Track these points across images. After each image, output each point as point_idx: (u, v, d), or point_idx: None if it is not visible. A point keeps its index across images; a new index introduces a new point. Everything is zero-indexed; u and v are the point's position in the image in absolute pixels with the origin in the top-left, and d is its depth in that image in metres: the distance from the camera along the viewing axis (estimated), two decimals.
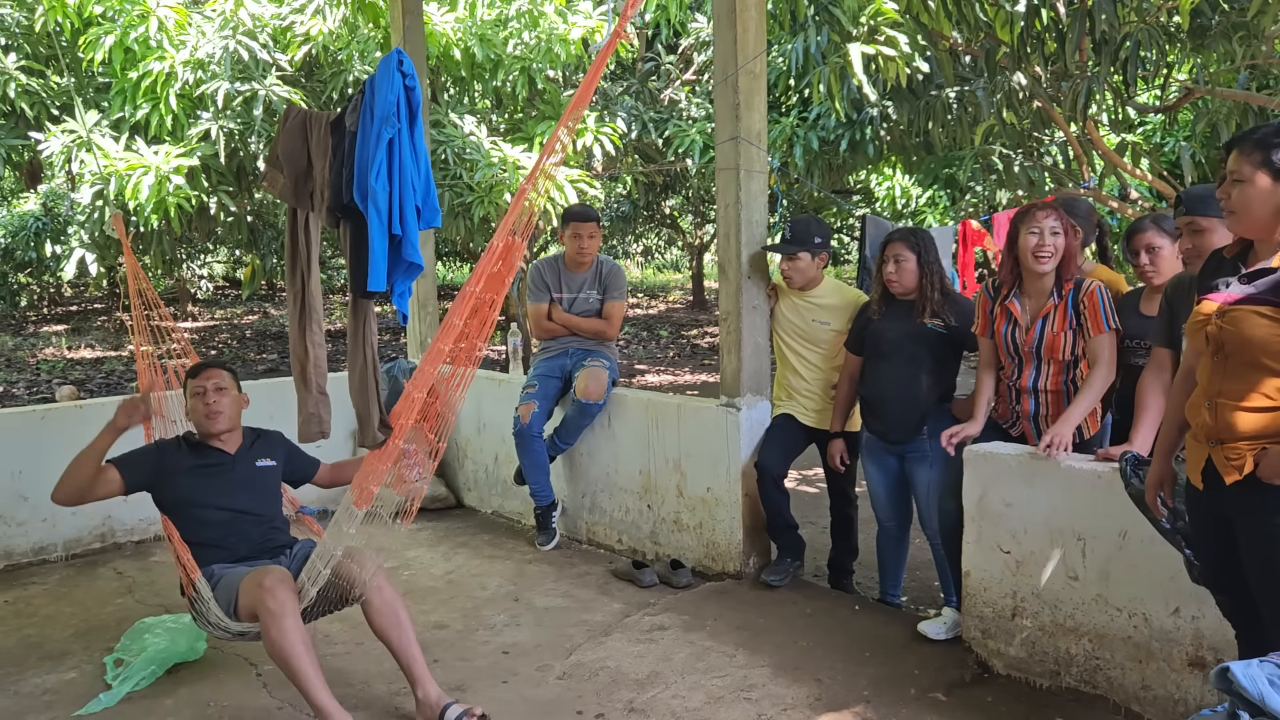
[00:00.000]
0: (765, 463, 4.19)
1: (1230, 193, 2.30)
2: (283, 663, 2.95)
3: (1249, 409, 2.25)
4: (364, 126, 2.90)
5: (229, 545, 3.28)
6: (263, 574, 3.03)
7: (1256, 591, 2.30)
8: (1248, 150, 2.27)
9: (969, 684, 3.37)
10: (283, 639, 2.92)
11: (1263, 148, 2.25)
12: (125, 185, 6.38)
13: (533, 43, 7.84)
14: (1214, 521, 2.40)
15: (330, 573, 3.08)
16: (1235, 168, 2.29)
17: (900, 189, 10.98)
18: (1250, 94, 6.34)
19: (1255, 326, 2.23)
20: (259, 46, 6.81)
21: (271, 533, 3.40)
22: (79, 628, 4.05)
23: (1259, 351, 2.24)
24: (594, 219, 4.97)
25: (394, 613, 3.16)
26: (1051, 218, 3.39)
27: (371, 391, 3.06)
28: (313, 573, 3.08)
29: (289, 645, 2.92)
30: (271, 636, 2.93)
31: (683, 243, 23.28)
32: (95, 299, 23.02)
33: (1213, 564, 2.49)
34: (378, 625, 3.15)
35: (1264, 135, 2.27)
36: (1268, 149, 2.24)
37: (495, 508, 5.67)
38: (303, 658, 2.95)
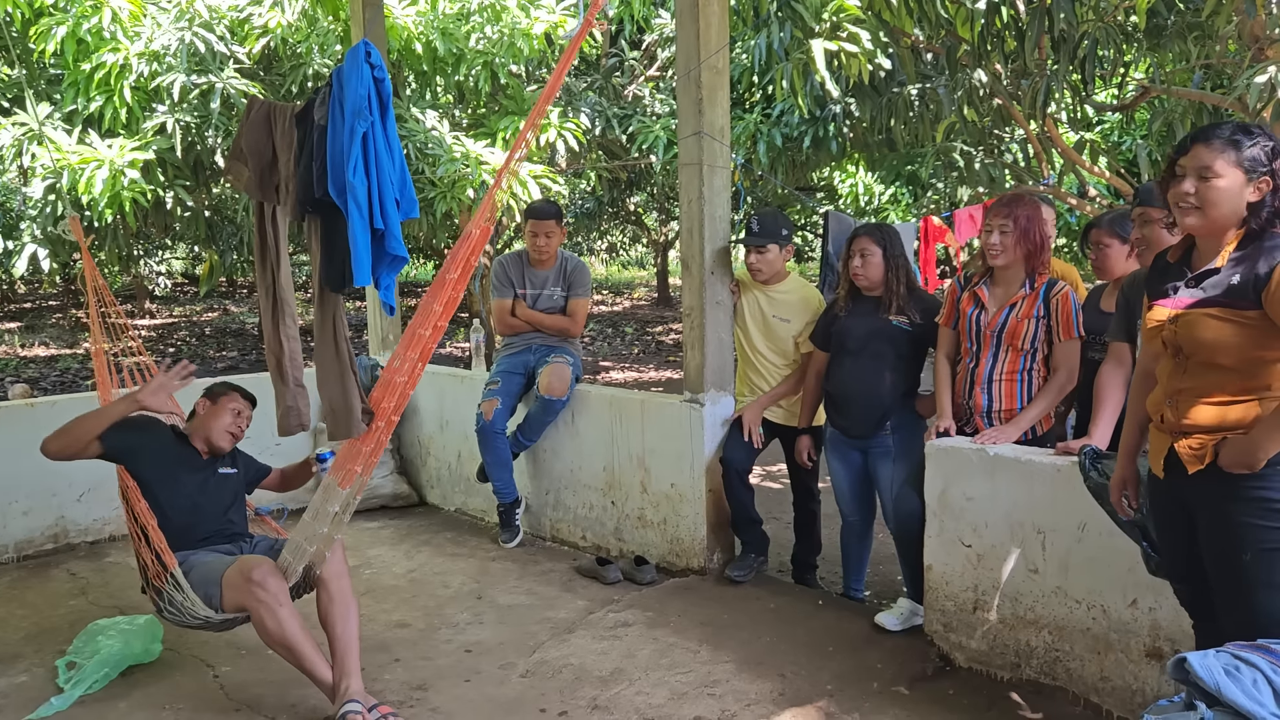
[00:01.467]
0: (730, 458, 4.19)
1: (1196, 188, 2.28)
2: (285, 651, 3.06)
3: (1209, 402, 2.29)
4: (334, 120, 2.87)
5: (190, 534, 3.35)
6: (248, 567, 3.07)
7: (1213, 580, 2.34)
8: (1219, 147, 2.26)
9: (931, 677, 3.39)
10: (283, 629, 3.02)
11: (1234, 145, 2.25)
12: (78, 179, 6.26)
13: (495, 37, 7.78)
14: (1176, 511, 2.43)
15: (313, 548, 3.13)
16: (1207, 163, 2.28)
17: (863, 186, 11.06)
18: (1204, 93, 6.44)
19: (1208, 329, 2.27)
20: (216, 39, 6.70)
21: (228, 524, 3.51)
22: (30, 630, 3.96)
23: (1214, 352, 2.28)
24: (552, 216, 4.91)
25: (346, 604, 3.21)
26: (999, 217, 3.44)
27: (351, 383, 3.06)
28: (295, 549, 3.14)
29: (290, 634, 3.03)
30: (270, 628, 3.02)
31: (647, 239, 23.30)
32: (49, 296, 22.60)
33: (1173, 553, 2.52)
34: (327, 612, 3.17)
35: (1230, 130, 2.28)
36: (1239, 146, 2.25)
37: (458, 505, 5.63)
38: (305, 643, 3.06)
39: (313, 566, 3.22)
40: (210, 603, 3.13)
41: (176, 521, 3.33)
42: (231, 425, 3.56)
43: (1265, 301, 2.18)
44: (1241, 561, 2.24)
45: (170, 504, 3.35)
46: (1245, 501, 2.23)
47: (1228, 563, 2.28)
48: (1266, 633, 2.16)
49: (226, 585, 3.10)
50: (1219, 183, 2.26)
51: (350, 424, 3.05)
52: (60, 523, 5.00)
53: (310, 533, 3.12)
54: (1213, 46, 5.94)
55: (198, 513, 3.41)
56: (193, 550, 3.31)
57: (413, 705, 3.25)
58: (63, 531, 5.02)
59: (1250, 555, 2.23)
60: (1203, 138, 2.31)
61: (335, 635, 3.14)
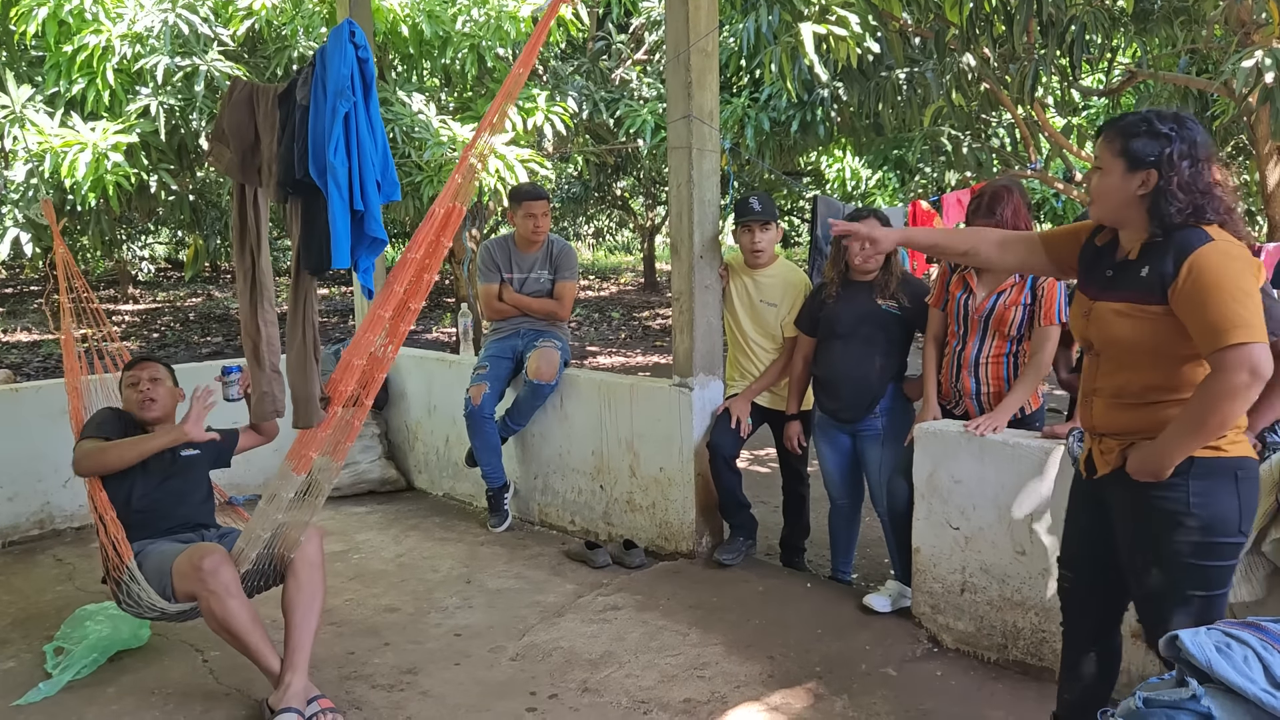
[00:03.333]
0: (717, 443, 4.20)
1: (1091, 179, 2.29)
2: (232, 639, 3.01)
3: (1118, 404, 2.27)
4: (316, 100, 2.84)
5: (151, 523, 3.31)
6: (199, 556, 3.00)
7: (1131, 587, 2.33)
8: (1110, 138, 2.24)
9: (919, 658, 3.41)
10: (229, 619, 2.96)
11: (1123, 136, 2.20)
12: (61, 163, 6.19)
13: (482, 20, 7.73)
14: (1091, 504, 2.43)
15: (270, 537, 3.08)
16: (1098, 154, 2.28)
17: (850, 170, 11.06)
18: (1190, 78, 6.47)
19: (1114, 325, 2.24)
20: (200, 20, 6.63)
21: (194, 513, 3.46)
22: (17, 616, 3.94)
23: (1122, 350, 2.25)
24: (545, 197, 4.93)
25: (313, 596, 3.12)
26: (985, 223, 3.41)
27: (312, 371, 3.01)
28: (250, 537, 3.08)
29: (236, 624, 2.97)
30: (217, 617, 2.96)
31: (634, 224, 23.25)
32: (31, 281, 22.41)
33: (1071, 541, 2.53)
34: (292, 600, 3.09)
35: (1127, 123, 2.22)
36: (1127, 138, 2.19)
37: (446, 490, 5.62)
38: (253, 633, 3.00)
39: (285, 554, 3.15)
40: (164, 593, 3.07)
41: (138, 511, 3.30)
42: (138, 396, 3.46)
43: (1171, 299, 2.12)
44: (1152, 574, 2.24)
45: (131, 493, 3.32)
46: (1155, 512, 2.20)
47: (1140, 575, 2.27)
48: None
49: (176, 574, 3.04)
50: (1103, 175, 2.25)
51: (310, 412, 3.02)
52: (46, 508, 4.98)
53: (266, 519, 3.05)
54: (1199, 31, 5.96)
55: (159, 501, 3.36)
56: (152, 540, 3.25)
57: (403, 689, 3.26)
58: (48, 517, 4.99)
59: (1159, 570, 2.22)
60: (1102, 128, 2.28)
61: (293, 625, 3.06)
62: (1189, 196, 2.13)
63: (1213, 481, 2.16)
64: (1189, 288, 2.08)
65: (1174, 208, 2.14)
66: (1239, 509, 2.17)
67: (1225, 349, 2.02)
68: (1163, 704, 1.66)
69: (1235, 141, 9.46)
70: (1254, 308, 2.04)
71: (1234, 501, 2.16)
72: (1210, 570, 2.19)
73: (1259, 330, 2.03)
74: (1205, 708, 1.62)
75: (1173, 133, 2.15)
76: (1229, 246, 2.11)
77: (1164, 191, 2.14)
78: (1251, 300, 2.05)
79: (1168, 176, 2.14)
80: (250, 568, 3.12)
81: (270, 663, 3.02)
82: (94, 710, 3.14)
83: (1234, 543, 2.19)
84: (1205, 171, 2.15)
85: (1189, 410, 2.11)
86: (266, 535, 3.08)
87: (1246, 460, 2.19)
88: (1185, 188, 2.13)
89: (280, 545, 3.16)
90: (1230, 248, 2.11)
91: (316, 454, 3.03)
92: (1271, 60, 4.61)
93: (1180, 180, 2.13)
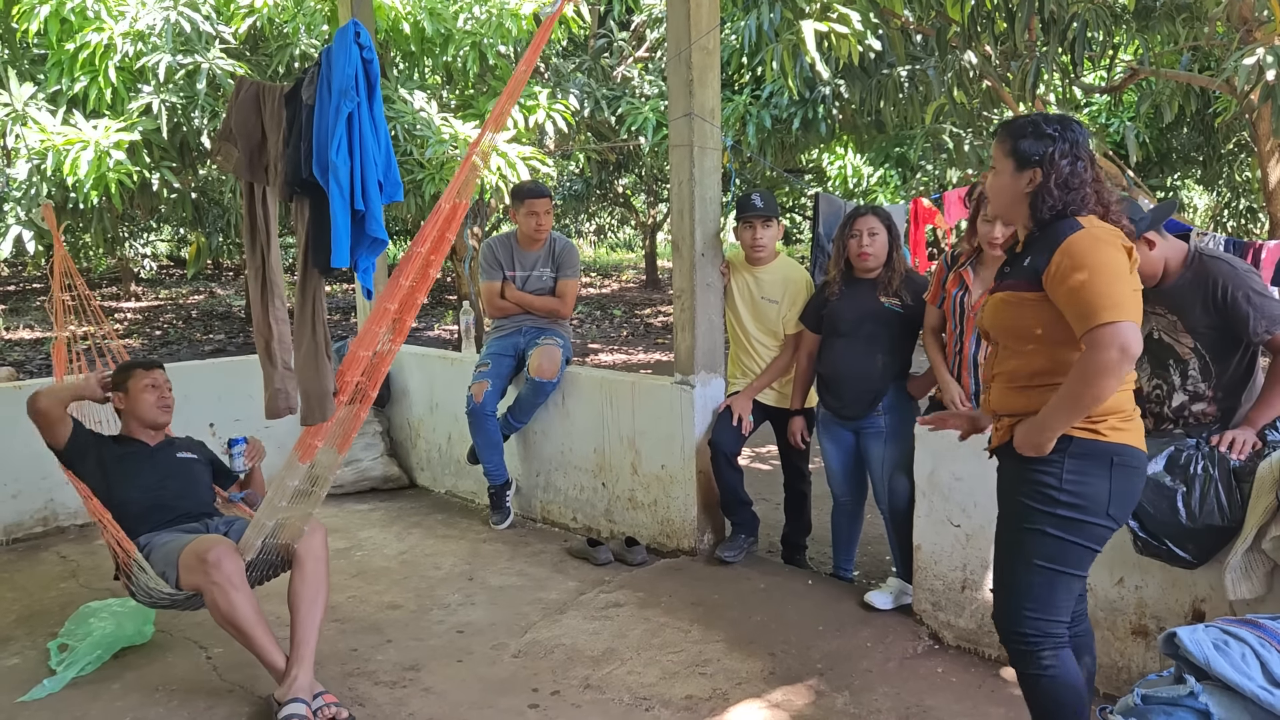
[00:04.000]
0: (718, 441, 4.20)
1: (987, 178, 2.41)
2: (236, 633, 3.03)
3: (1011, 388, 2.38)
4: (321, 100, 2.85)
5: (154, 517, 3.35)
6: (203, 549, 3.03)
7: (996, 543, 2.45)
8: (1001, 138, 2.35)
9: (920, 655, 3.42)
10: (234, 611, 2.99)
11: (1012, 137, 2.32)
12: (63, 160, 6.19)
13: (483, 17, 7.73)
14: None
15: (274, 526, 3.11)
16: (993, 155, 2.37)
17: (852, 168, 11.05)
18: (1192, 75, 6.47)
19: (1002, 313, 2.37)
20: (201, 18, 6.63)
21: (193, 505, 3.50)
22: (21, 613, 3.96)
23: (1007, 335, 2.37)
24: (547, 195, 4.95)
25: (318, 588, 3.16)
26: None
27: (324, 367, 3.03)
28: (258, 527, 3.11)
29: (241, 617, 3.00)
30: (221, 609, 2.99)
31: (636, 222, 23.24)
32: (34, 278, 22.43)
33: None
34: (297, 593, 3.12)
35: (1016, 125, 2.33)
36: (1015, 137, 2.31)
37: (449, 487, 5.63)
38: (256, 627, 3.02)
39: (289, 544, 3.19)
40: (168, 580, 3.12)
41: (137, 509, 3.34)
42: (156, 399, 3.56)
43: (1046, 285, 2.23)
44: (1008, 532, 2.37)
45: (127, 497, 3.36)
46: (1027, 483, 2.31)
47: (1000, 533, 2.42)
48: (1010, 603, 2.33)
49: (182, 566, 3.08)
50: (996, 174, 2.37)
51: (325, 408, 3.03)
52: (50, 505, 4.99)
53: (272, 509, 3.09)
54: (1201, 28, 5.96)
55: (157, 498, 3.40)
56: (156, 532, 3.30)
57: (405, 685, 3.27)
58: (52, 514, 5.00)
59: (1015, 531, 2.34)
60: (996, 129, 2.39)
61: (299, 618, 3.08)
62: (1062, 193, 2.25)
63: (1088, 462, 2.24)
64: (1061, 272, 2.18)
65: (1047, 203, 2.27)
66: (1109, 493, 2.25)
67: (1095, 328, 2.11)
68: (1161, 701, 1.67)
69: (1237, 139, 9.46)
70: (1122, 288, 2.14)
71: (1105, 485, 2.25)
72: (1067, 546, 2.28)
73: (1128, 310, 2.12)
74: (1203, 704, 1.63)
75: (1056, 134, 2.27)
76: (1100, 231, 2.21)
77: (1043, 188, 2.27)
78: (1120, 281, 2.14)
79: (1048, 174, 2.26)
80: (255, 557, 3.15)
81: (273, 658, 3.03)
82: (98, 707, 3.15)
83: (1097, 524, 2.27)
84: (1084, 170, 2.27)
85: (1065, 387, 2.20)
86: (271, 525, 3.12)
87: (1127, 449, 2.26)
88: (1062, 185, 2.25)
89: (284, 535, 3.18)
90: (1100, 232, 2.21)
91: (321, 443, 3.05)
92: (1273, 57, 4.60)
93: (1058, 178, 2.25)
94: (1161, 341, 2.98)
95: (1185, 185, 12.54)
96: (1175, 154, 10.17)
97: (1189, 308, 2.89)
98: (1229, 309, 2.80)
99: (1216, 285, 2.82)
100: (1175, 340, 2.94)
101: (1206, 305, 2.84)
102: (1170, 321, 2.94)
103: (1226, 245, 4.89)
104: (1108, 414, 2.23)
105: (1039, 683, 2.34)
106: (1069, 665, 2.34)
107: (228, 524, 3.46)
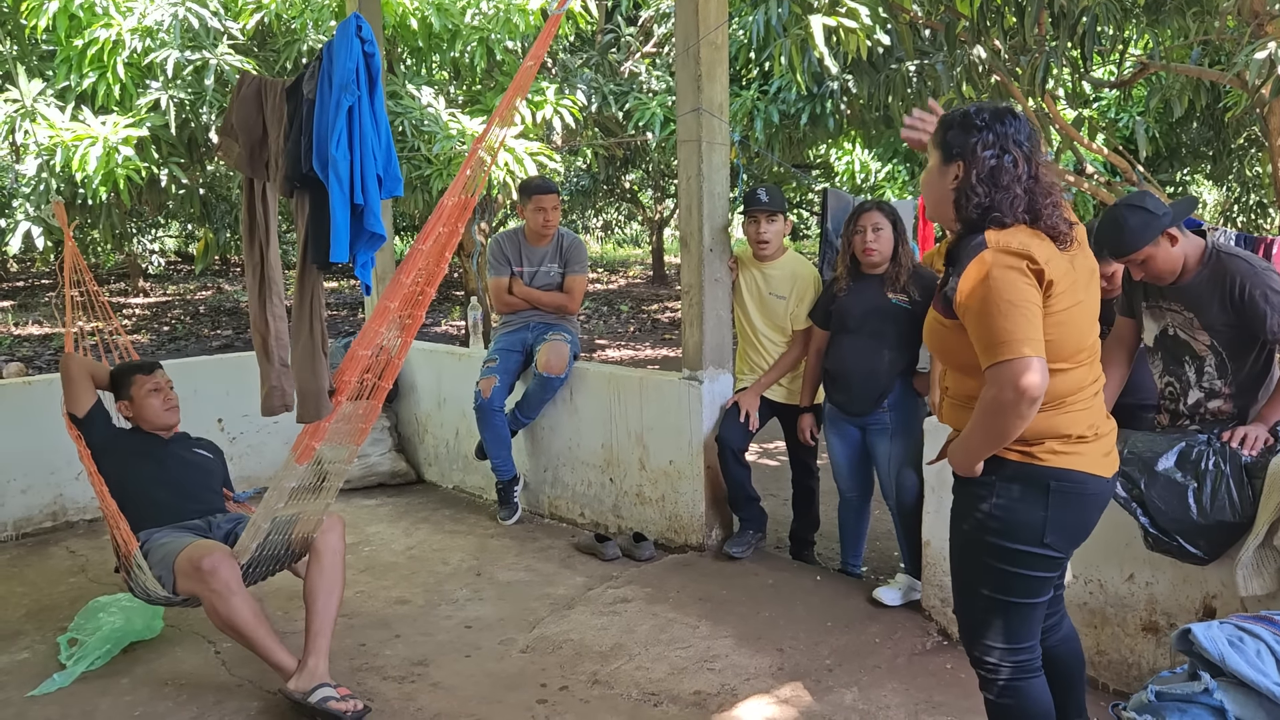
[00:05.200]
0: (725, 437, 4.20)
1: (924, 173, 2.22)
2: (238, 637, 3.04)
3: (955, 404, 2.26)
4: (322, 94, 2.84)
5: (157, 514, 3.35)
6: (199, 556, 3.03)
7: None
8: (938, 127, 2.15)
9: (929, 651, 3.41)
10: (233, 617, 2.99)
11: (942, 126, 2.13)
12: (72, 156, 6.21)
13: (491, 13, 7.73)
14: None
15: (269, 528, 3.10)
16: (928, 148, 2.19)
17: (860, 163, 11.02)
18: (1203, 69, 6.43)
19: (932, 333, 2.24)
20: (209, 14, 6.64)
21: (200, 501, 3.51)
22: (31, 607, 3.97)
23: (941, 356, 2.27)
24: (555, 191, 4.94)
25: (334, 581, 3.18)
26: None
27: (320, 365, 3.03)
28: (254, 529, 3.11)
29: (241, 621, 3.00)
30: (221, 616, 3.00)
31: (643, 217, 23.23)
32: (43, 274, 22.50)
33: None
34: (314, 585, 3.14)
35: (948, 116, 2.13)
36: (944, 128, 2.11)
37: (456, 483, 5.64)
38: (257, 629, 3.03)
39: (306, 537, 3.20)
40: (165, 584, 3.12)
41: (144, 502, 3.34)
42: (161, 402, 3.57)
43: (958, 314, 2.06)
44: (955, 558, 2.28)
45: (137, 487, 3.37)
46: (965, 506, 2.21)
47: (950, 557, 2.31)
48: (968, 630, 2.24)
49: (178, 572, 3.08)
50: (927, 168, 2.18)
51: (319, 406, 3.03)
52: (59, 500, 5.00)
53: (268, 511, 3.08)
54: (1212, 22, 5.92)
55: (165, 493, 3.41)
56: (158, 528, 3.30)
57: (414, 680, 3.27)
58: (61, 509, 5.02)
59: (959, 557, 2.26)
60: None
61: (315, 610, 3.10)
62: (988, 190, 2.03)
63: (1019, 487, 2.10)
64: (962, 304, 2.02)
65: (972, 201, 2.05)
66: (1044, 520, 2.08)
67: (991, 366, 1.97)
68: (1175, 697, 1.66)
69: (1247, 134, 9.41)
70: (1018, 319, 1.93)
71: (1039, 512, 2.08)
72: (1005, 575, 2.13)
73: (1023, 344, 1.92)
74: (1218, 701, 1.62)
75: (983, 125, 2.04)
76: (997, 256, 1.98)
77: (965, 184, 2.06)
78: (1016, 311, 1.93)
79: (969, 169, 2.04)
80: (256, 555, 3.14)
81: (278, 656, 3.04)
82: (107, 701, 3.16)
83: (1034, 553, 2.10)
84: (1014, 166, 2.03)
85: (973, 419, 2.07)
86: (267, 527, 3.10)
87: (1069, 474, 2.08)
88: (986, 181, 2.03)
89: (299, 529, 3.19)
90: (998, 257, 1.98)
91: (319, 444, 3.04)
92: None
93: (979, 173, 2.03)
94: (1178, 338, 2.96)
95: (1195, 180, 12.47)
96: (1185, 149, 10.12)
97: (1206, 305, 2.87)
98: (1246, 307, 2.78)
99: (1234, 283, 2.80)
100: (1191, 337, 2.93)
101: (1224, 303, 2.82)
102: (1187, 319, 2.92)
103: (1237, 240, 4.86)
104: (1043, 437, 2.06)
105: (998, 708, 2.24)
106: (1033, 693, 2.21)
107: (232, 521, 3.47)
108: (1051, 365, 1.98)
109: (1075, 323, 2.04)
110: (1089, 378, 2.12)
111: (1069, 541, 2.15)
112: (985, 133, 2.03)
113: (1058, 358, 2.02)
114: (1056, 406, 2.06)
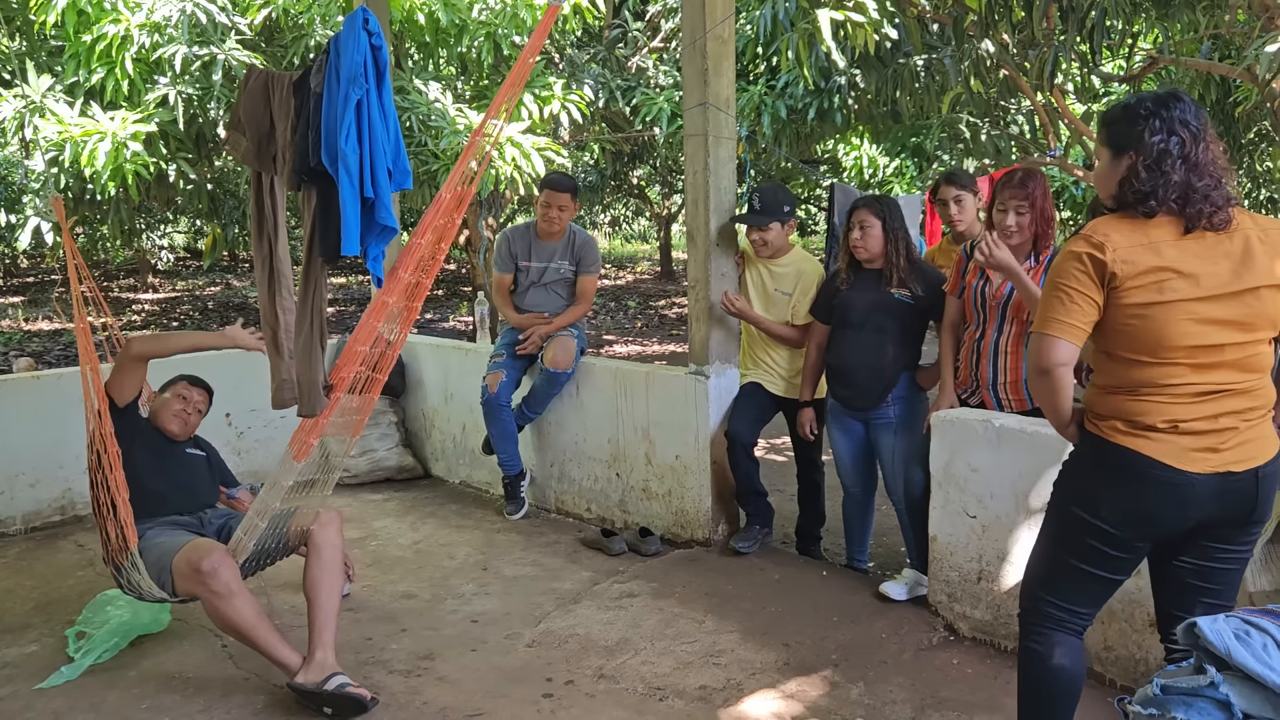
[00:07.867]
0: (735, 431, 4.19)
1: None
2: (240, 636, 3.06)
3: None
4: (330, 88, 2.84)
5: (156, 504, 3.39)
6: (197, 557, 3.03)
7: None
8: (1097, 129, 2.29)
9: (935, 647, 3.41)
10: (235, 617, 3.01)
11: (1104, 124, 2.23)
12: (81, 152, 6.23)
13: (498, 8, 7.72)
14: None
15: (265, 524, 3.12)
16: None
17: (867, 158, 10.99)
18: (1213, 63, 6.40)
19: None
20: (217, 9, 6.65)
21: (196, 497, 3.57)
22: (39, 601, 3.99)
23: None
24: (568, 190, 4.83)
25: (335, 575, 3.20)
26: (1016, 198, 3.37)
27: (317, 358, 3.03)
28: (249, 526, 3.13)
29: (242, 621, 3.02)
30: (222, 616, 3.02)
31: (650, 213, 23.23)
32: (52, 270, 22.58)
33: None
34: (315, 579, 3.15)
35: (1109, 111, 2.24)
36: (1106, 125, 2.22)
37: (463, 478, 5.64)
38: (259, 627, 3.04)
39: (303, 529, 3.22)
40: (163, 585, 3.13)
41: (147, 490, 3.37)
42: (179, 409, 3.64)
43: None
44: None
45: (144, 473, 3.40)
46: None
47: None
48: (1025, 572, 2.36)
49: (177, 574, 3.09)
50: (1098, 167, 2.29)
51: (314, 400, 3.04)
52: (67, 495, 5.02)
53: (265, 507, 3.10)
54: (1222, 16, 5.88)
55: (166, 485, 3.46)
56: (153, 522, 3.32)
57: (420, 674, 3.28)
58: (69, 503, 5.03)
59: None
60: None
61: (318, 604, 3.12)
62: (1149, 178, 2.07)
63: (1088, 456, 2.23)
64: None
65: (1131, 189, 2.10)
66: (1103, 495, 2.16)
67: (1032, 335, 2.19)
68: (1181, 691, 1.66)
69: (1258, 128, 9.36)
70: (1054, 301, 2.11)
71: (1099, 484, 2.17)
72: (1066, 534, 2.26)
73: (1049, 323, 2.11)
74: (1224, 695, 1.62)
75: (1148, 112, 2.10)
76: (1074, 241, 2.12)
77: (1131, 174, 2.11)
78: (1058, 293, 2.11)
79: (1138, 158, 2.10)
80: (255, 549, 3.17)
81: (281, 653, 3.05)
82: (115, 694, 3.18)
83: (1090, 522, 2.17)
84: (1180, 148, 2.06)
85: None
86: (263, 524, 3.12)
87: (1136, 456, 2.11)
88: (1149, 168, 2.08)
89: (296, 522, 3.21)
90: (1074, 242, 2.12)
91: (317, 440, 3.05)
92: None
93: (1147, 159, 2.08)
94: None
95: None
96: None
97: None
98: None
99: None
100: None
101: None
102: None
103: None
104: (1112, 416, 2.15)
105: (1026, 652, 2.33)
106: (1063, 650, 2.26)
107: (223, 516, 3.52)
108: (1128, 355, 2.11)
109: (1165, 319, 2.05)
110: (1187, 378, 2.08)
111: (1125, 521, 2.15)
112: (1151, 119, 2.09)
113: (1136, 350, 2.10)
114: (1130, 392, 2.13)
